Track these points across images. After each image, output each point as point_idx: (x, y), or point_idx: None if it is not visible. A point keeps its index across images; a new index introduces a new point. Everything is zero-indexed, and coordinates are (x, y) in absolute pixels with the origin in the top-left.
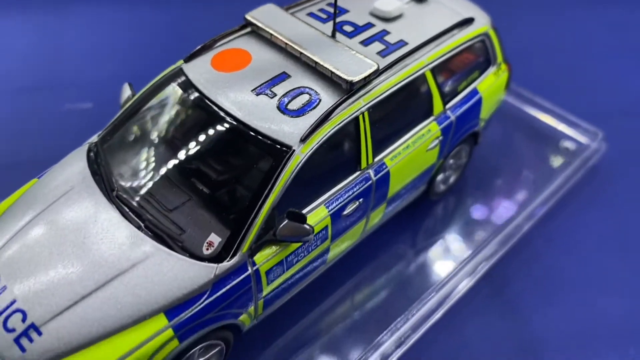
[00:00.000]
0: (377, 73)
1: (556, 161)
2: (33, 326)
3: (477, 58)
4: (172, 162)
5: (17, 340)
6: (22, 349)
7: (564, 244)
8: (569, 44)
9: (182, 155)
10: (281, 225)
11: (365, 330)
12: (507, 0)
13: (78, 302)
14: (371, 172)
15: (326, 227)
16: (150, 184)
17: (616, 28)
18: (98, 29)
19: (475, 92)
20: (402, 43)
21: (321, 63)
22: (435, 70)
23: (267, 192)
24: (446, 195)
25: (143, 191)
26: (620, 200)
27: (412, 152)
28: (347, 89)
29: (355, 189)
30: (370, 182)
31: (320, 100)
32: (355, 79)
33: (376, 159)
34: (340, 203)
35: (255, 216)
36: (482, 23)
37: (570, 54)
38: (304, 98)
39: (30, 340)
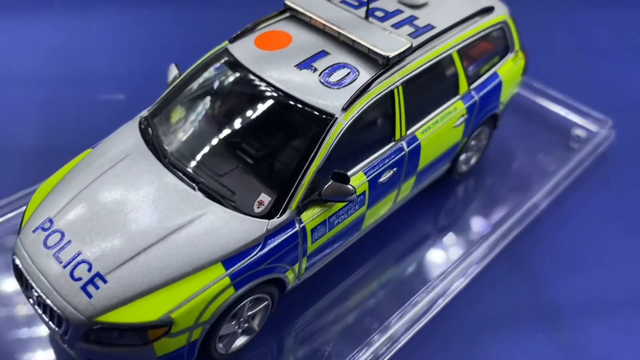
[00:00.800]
0: (411, 50)
1: (568, 147)
2: (98, 275)
3: (497, 44)
4: (220, 133)
5: (83, 288)
6: (89, 295)
7: (578, 222)
8: (579, 41)
9: (229, 125)
10: (327, 185)
11: (398, 294)
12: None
13: (140, 253)
14: (404, 143)
15: (364, 192)
16: (200, 152)
17: (623, 28)
18: (124, 27)
19: (496, 75)
20: (430, 27)
21: (358, 41)
22: (461, 52)
23: (312, 156)
24: (467, 176)
25: (194, 158)
26: (628, 184)
27: (441, 127)
28: (384, 64)
29: (390, 159)
30: (403, 152)
31: (358, 74)
32: (392, 54)
33: (408, 132)
34: (376, 170)
35: (302, 177)
36: (501, 12)
37: (580, 50)
38: (344, 72)
39: (96, 287)
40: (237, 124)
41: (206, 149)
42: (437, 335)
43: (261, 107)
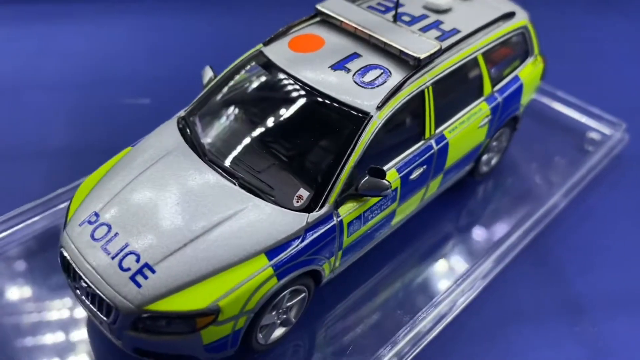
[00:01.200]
0: (440, 52)
1: (583, 150)
2: (147, 265)
3: (518, 48)
4: (257, 131)
5: (132, 278)
6: (138, 285)
7: (596, 221)
8: (593, 49)
9: (266, 124)
10: (363, 180)
11: (423, 291)
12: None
13: (187, 245)
14: (433, 142)
15: (396, 188)
16: (238, 150)
17: (633, 36)
18: (146, 34)
19: (517, 78)
20: (455, 31)
21: (390, 43)
22: (485, 55)
23: (349, 152)
24: (486, 178)
25: (233, 156)
26: (632, 178)
27: (467, 127)
28: (415, 65)
29: (420, 156)
30: (432, 150)
31: (390, 74)
32: (422, 55)
33: (437, 131)
34: (408, 168)
35: (340, 173)
36: (522, 17)
37: (594, 57)
38: (377, 73)
39: (145, 277)
40: (273, 122)
41: (244, 147)
42: (463, 330)
43: (297, 107)
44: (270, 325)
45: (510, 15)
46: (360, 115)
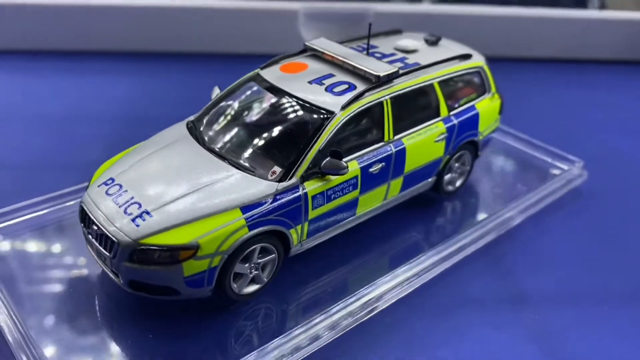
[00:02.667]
0: (397, 74)
1: (544, 180)
2: (146, 211)
3: (474, 84)
4: (247, 127)
5: (133, 220)
6: (137, 225)
7: (551, 237)
8: (557, 105)
9: (254, 122)
10: (325, 160)
11: (377, 269)
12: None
13: (179, 199)
14: (392, 145)
15: (356, 177)
16: (231, 140)
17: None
18: (166, 82)
19: (473, 107)
20: (416, 64)
21: (357, 66)
22: (441, 84)
23: (316, 139)
24: (453, 197)
25: (226, 144)
26: (596, 213)
27: (423, 138)
28: (375, 81)
29: (380, 154)
30: (390, 151)
31: (356, 87)
32: (382, 74)
33: (396, 137)
34: (367, 161)
35: (306, 154)
36: (478, 60)
37: (559, 111)
38: (344, 86)
39: (143, 219)
40: (259, 120)
41: (235, 137)
42: (416, 307)
43: (278, 108)
44: (243, 277)
45: (467, 57)
46: (326, 113)
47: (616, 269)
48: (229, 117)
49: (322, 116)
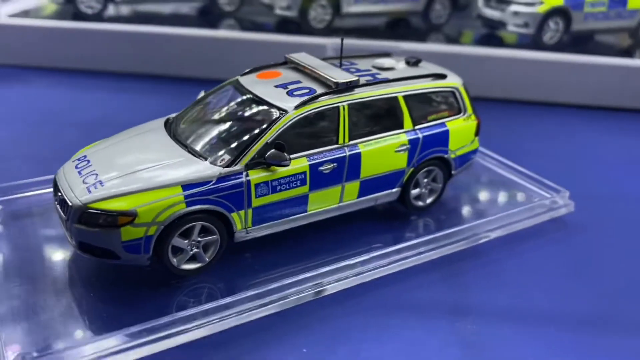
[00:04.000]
0: (357, 84)
1: (531, 208)
2: (100, 181)
3: (447, 103)
4: (211, 122)
5: (88, 188)
6: (89, 192)
7: (522, 261)
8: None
9: (219, 118)
10: (270, 151)
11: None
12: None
13: (130, 173)
14: (346, 149)
15: (304, 172)
16: (194, 132)
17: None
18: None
19: (443, 124)
20: (385, 79)
21: (321, 74)
22: (407, 98)
23: (264, 132)
24: (424, 213)
25: (190, 135)
26: (574, 245)
27: (381, 146)
28: (333, 87)
29: (332, 154)
30: (344, 154)
31: (315, 92)
32: (340, 81)
33: (352, 142)
34: (317, 159)
35: (254, 145)
36: (454, 80)
37: (545, 137)
38: (305, 90)
39: (95, 188)
40: (223, 117)
41: (200, 130)
42: (362, 298)
43: (243, 107)
44: (183, 252)
45: (441, 76)
46: (280, 111)
47: (577, 297)
48: (199, 114)
49: (275, 114)
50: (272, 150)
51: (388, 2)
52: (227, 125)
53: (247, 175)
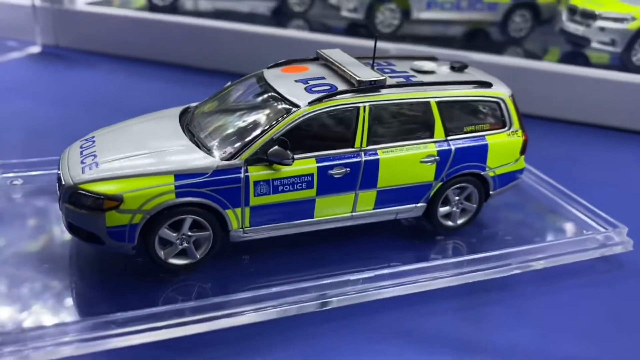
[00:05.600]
0: (383, 84)
1: (570, 237)
2: (96, 163)
3: (489, 115)
4: (224, 112)
5: (83, 168)
6: (83, 172)
7: (556, 297)
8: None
9: (234, 109)
10: (272, 147)
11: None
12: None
13: (127, 157)
14: (363, 153)
15: (312, 174)
16: (203, 122)
17: None
18: None
19: (482, 138)
20: (419, 82)
21: (346, 70)
22: (441, 105)
23: (270, 127)
24: (454, 234)
25: (198, 125)
26: (628, 289)
27: (404, 154)
28: (356, 86)
29: (344, 158)
30: (359, 159)
31: (336, 89)
32: (363, 79)
33: (370, 146)
34: (328, 162)
35: (256, 138)
36: (501, 90)
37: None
38: (326, 87)
39: (90, 169)
40: (240, 108)
41: (211, 121)
42: (351, 324)
43: (258, 99)
44: (172, 245)
45: (486, 85)
46: (292, 105)
47: (617, 351)
48: (216, 104)
49: (287, 108)
50: (275, 147)
51: (462, 10)
52: (239, 117)
53: (246, 171)
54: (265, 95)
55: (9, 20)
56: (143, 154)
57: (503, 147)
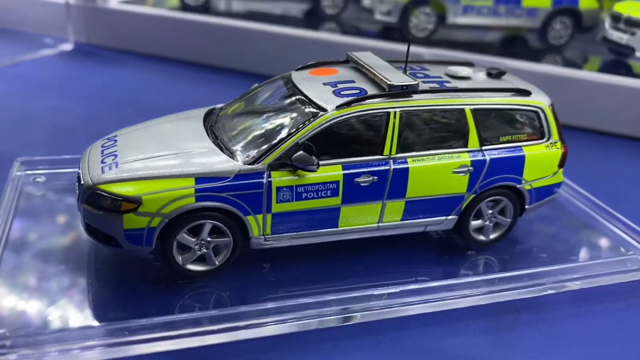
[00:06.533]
0: (415, 89)
1: (609, 257)
2: (116, 163)
3: (527, 125)
4: (249, 115)
5: (102, 168)
6: (102, 172)
7: (591, 322)
8: None
9: (259, 111)
10: (297, 152)
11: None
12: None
13: (149, 158)
14: (391, 161)
15: (337, 182)
16: (228, 124)
17: None
18: None
19: (519, 149)
20: (453, 87)
21: (377, 74)
22: (476, 113)
23: (296, 131)
24: (484, 249)
25: (222, 127)
26: None
27: (436, 163)
28: (387, 90)
29: (372, 166)
30: (388, 167)
31: (365, 93)
32: (394, 83)
33: (400, 154)
34: (354, 169)
35: (281, 142)
36: (540, 99)
37: None
38: (355, 91)
39: (110, 169)
40: (265, 111)
41: (236, 123)
42: (370, 342)
43: (284, 102)
44: (191, 251)
45: (524, 93)
46: (318, 109)
47: None
48: (242, 106)
49: (314, 112)
50: (300, 151)
51: (500, 16)
52: (263, 120)
53: (269, 176)
54: (292, 98)
55: (42, 17)
56: (164, 155)
57: (541, 159)
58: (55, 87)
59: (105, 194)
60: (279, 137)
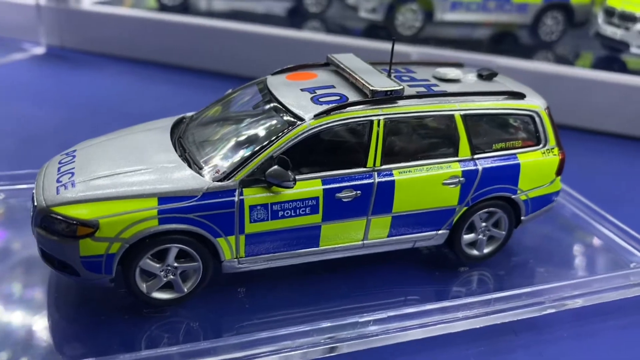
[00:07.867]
0: (400, 94)
1: (613, 271)
2: (72, 182)
3: (522, 130)
4: (218, 125)
5: (58, 188)
6: (57, 193)
7: (593, 343)
8: None
9: (230, 121)
10: (271, 167)
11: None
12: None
13: (107, 176)
14: (376, 174)
15: (317, 198)
16: (195, 136)
17: None
18: None
19: (513, 157)
20: (441, 92)
21: (358, 79)
22: (467, 119)
23: (270, 143)
24: (480, 264)
25: (190, 138)
26: None
27: (424, 175)
28: (369, 96)
29: (355, 180)
30: (372, 180)
31: (346, 99)
32: (377, 89)
33: (385, 166)
34: (336, 184)
35: (253, 156)
36: (536, 102)
37: None
38: (335, 97)
39: (66, 188)
40: (237, 120)
41: (205, 134)
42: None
43: (258, 110)
44: (156, 278)
45: (518, 96)
46: (295, 119)
47: None
48: (213, 115)
49: (290, 122)
50: (274, 166)
51: (489, 12)
52: (235, 130)
53: (241, 193)
54: (267, 106)
55: (12, 20)
56: (125, 172)
57: (537, 166)
58: (25, 93)
59: (60, 217)
60: (251, 150)
